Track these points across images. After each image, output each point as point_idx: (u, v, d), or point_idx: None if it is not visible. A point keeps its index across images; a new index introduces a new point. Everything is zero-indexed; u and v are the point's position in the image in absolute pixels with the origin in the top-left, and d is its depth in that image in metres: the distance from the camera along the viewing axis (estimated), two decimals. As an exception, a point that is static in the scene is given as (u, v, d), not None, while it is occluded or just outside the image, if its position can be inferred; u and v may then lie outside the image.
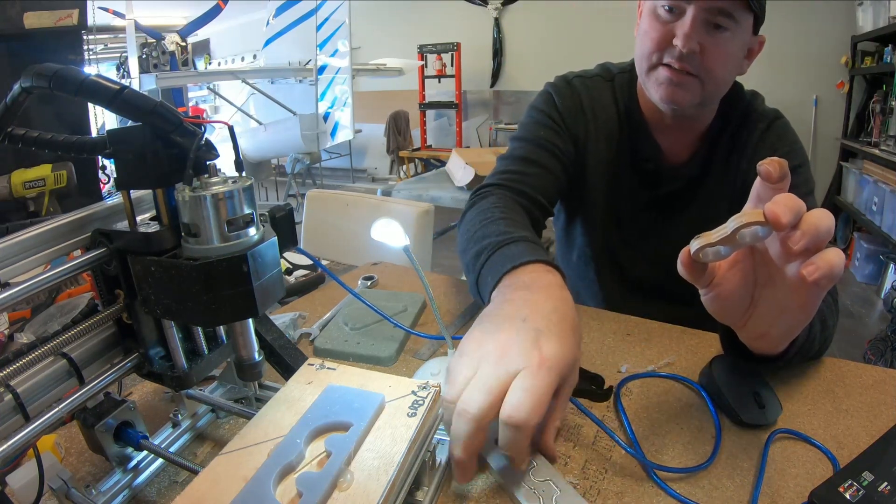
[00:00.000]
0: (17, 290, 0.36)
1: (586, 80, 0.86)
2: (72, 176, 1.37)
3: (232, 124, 0.44)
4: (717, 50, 0.68)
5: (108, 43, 5.51)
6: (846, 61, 3.72)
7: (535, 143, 0.83)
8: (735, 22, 0.67)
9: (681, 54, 0.68)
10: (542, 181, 0.81)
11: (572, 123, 0.85)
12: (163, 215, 0.41)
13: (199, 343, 0.48)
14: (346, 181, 6.30)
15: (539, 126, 0.85)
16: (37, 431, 0.37)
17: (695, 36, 0.67)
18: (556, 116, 0.85)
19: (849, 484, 0.43)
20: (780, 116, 0.81)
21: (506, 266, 0.56)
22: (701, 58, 0.68)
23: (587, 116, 0.85)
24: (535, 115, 0.87)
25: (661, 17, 0.70)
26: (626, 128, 0.84)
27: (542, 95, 0.88)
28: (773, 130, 0.79)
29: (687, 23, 0.67)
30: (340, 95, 5.05)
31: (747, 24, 0.69)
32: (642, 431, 0.52)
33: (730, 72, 0.73)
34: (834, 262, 0.37)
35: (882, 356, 2.12)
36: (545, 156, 0.82)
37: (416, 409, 0.42)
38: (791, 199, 0.37)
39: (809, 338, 0.55)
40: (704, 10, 0.66)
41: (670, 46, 0.69)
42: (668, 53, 0.70)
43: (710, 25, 0.68)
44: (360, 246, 1.43)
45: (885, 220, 2.83)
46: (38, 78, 0.36)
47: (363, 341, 0.69)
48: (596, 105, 0.85)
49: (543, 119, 0.85)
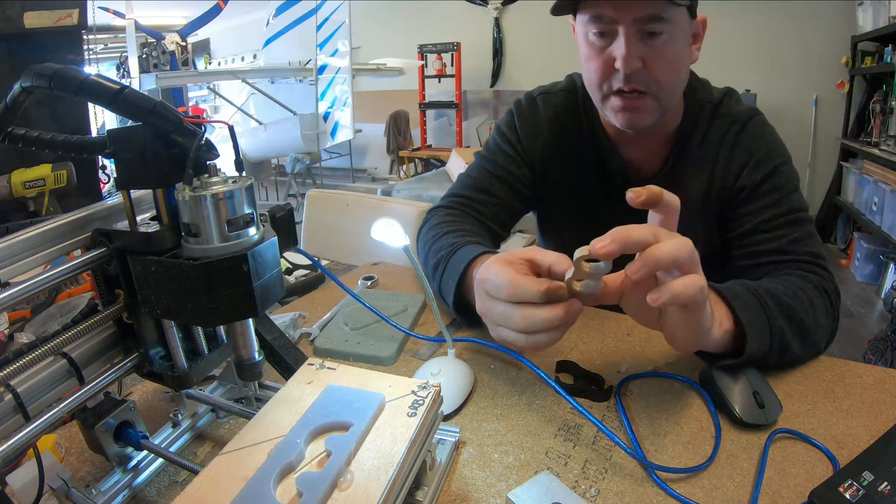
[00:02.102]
0: (17, 290, 0.36)
1: (551, 95, 0.86)
2: (72, 176, 1.37)
3: (232, 124, 0.44)
4: (659, 57, 0.67)
5: (108, 43, 5.51)
6: (846, 61, 3.72)
7: (490, 169, 0.86)
8: (668, 22, 0.65)
9: (626, 76, 0.67)
10: (490, 208, 0.84)
11: (530, 146, 0.86)
12: (163, 215, 0.41)
13: (199, 343, 0.48)
14: (346, 181, 6.30)
15: (498, 150, 0.87)
16: (37, 431, 0.37)
17: (633, 52, 0.65)
18: (515, 140, 0.86)
19: (849, 484, 0.43)
20: (756, 114, 0.78)
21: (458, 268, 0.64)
22: (647, 71, 0.67)
23: (549, 136, 0.85)
24: (498, 136, 0.89)
25: (597, 44, 0.69)
26: (591, 143, 0.83)
27: (506, 116, 0.89)
28: (748, 131, 0.76)
29: (622, 43, 0.65)
30: (340, 95, 5.05)
31: (681, 16, 0.67)
32: (642, 431, 0.52)
33: (680, 71, 0.71)
34: (675, 290, 0.42)
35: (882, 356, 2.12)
36: (497, 184, 0.85)
37: (416, 409, 0.42)
38: (620, 233, 0.41)
39: (772, 347, 0.56)
40: (633, 24, 0.65)
41: (614, 71, 0.68)
42: (615, 79, 0.69)
43: (645, 35, 0.66)
44: (360, 246, 1.43)
45: (885, 220, 2.82)
46: (38, 78, 0.36)
47: (363, 341, 0.69)
48: (559, 123, 0.85)
49: (503, 143, 0.87)
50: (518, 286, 0.46)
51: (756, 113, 0.78)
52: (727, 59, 4.12)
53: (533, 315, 0.46)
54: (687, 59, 0.72)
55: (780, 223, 0.72)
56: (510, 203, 0.86)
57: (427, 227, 0.80)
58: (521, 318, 0.46)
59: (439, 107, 5.59)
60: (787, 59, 3.94)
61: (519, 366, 0.63)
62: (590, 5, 0.67)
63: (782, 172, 0.74)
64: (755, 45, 4.05)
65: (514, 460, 0.49)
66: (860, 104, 3.63)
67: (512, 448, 0.50)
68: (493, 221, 0.84)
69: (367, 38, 5.88)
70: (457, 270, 0.66)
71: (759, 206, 0.73)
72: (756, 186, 0.74)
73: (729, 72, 4.05)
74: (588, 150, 0.84)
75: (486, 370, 0.63)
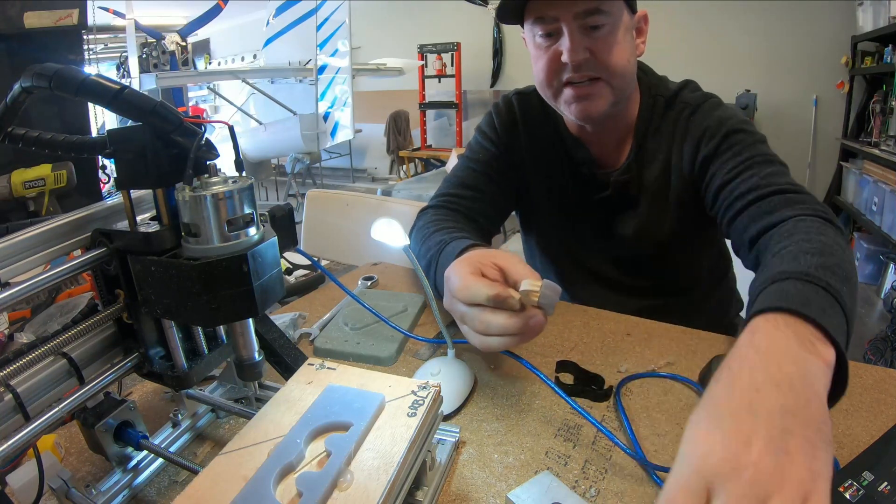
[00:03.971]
0: (17, 290, 0.36)
1: (525, 96, 0.90)
2: (72, 176, 1.37)
3: (232, 124, 0.44)
4: (605, 45, 0.71)
5: (108, 43, 5.50)
6: (846, 61, 3.71)
7: (475, 166, 0.89)
8: (608, 14, 0.69)
9: (575, 66, 0.71)
10: (478, 204, 0.87)
11: (509, 141, 0.89)
12: (163, 215, 0.41)
13: (199, 343, 0.48)
14: (346, 181, 6.29)
15: (480, 148, 0.91)
16: (37, 431, 0.37)
17: (579, 44, 0.70)
18: (495, 137, 0.90)
19: (849, 484, 0.42)
20: (710, 98, 0.79)
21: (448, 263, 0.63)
22: (595, 59, 0.71)
23: (524, 132, 0.89)
24: (479, 136, 0.93)
25: (544, 45, 0.73)
26: (559, 140, 0.87)
27: (486, 117, 0.93)
28: (700, 112, 0.77)
29: (566, 38, 0.70)
30: (340, 95, 5.04)
31: (620, 11, 0.71)
32: (642, 431, 0.52)
33: (627, 59, 0.74)
34: None
35: (882, 356, 2.12)
36: (482, 180, 0.88)
37: (416, 409, 0.42)
38: None
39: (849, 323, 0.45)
40: (575, 20, 0.69)
41: (563, 65, 0.72)
42: (564, 71, 0.73)
43: (587, 29, 0.70)
44: (360, 246, 1.43)
45: (885, 220, 2.82)
46: (38, 78, 0.36)
47: (363, 341, 0.69)
48: (532, 120, 0.89)
49: (485, 141, 0.91)
50: (468, 288, 0.50)
51: (710, 97, 0.80)
52: (727, 59, 4.13)
53: (489, 320, 0.49)
54: (632, 50, 0.75)
55: (748, 165, 0.70)
56: (496, 198, 0.88)
57: (416, 228, 0.83)
58: (478, 321, 0.49)
59: (439, 107, 5.59)
60: (787, 59, 3.93)
61: (519, 366, 0.63)
62: (532, 8, 0.71)
63: (739, 133, 0.73)
64: (755, 45, 4.05)
65: (514, 460, 0.49)
66: (860, 104, 3.63)
67: (512, 448, 0.50)
68: (481, 217, 0.87)
69: (367, 38, 5.88)
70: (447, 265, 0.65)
71: (722, 162, 0.72)
72: (715, 150, 0.74)
73: (729, 72, 4.06)
74: (557, 147, 0.87)
75: (486, 370, 0.63)
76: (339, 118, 5.08)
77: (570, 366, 0.62)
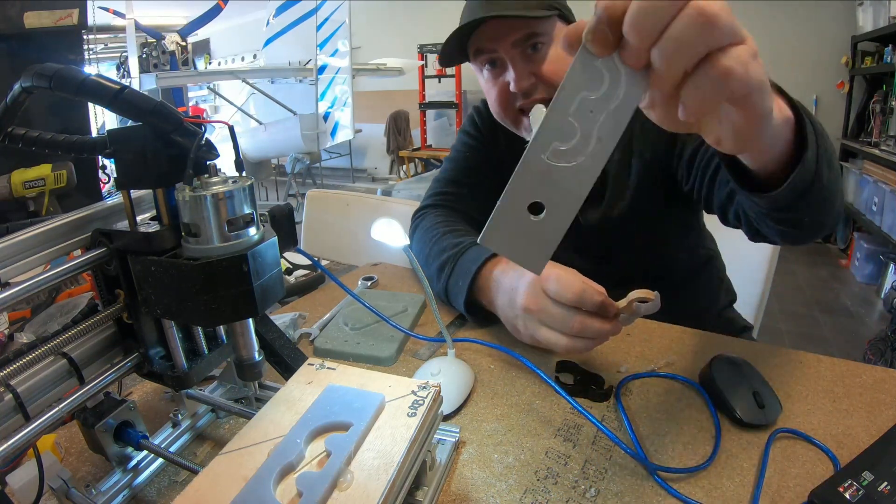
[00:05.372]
0: (17, 290, 0.36)
1: None
2: (72, 176, 1.37)
3: (232, 124, 0.44)
4: (550, 64, 0.72)
5: (108, 43, 5.50)
6: (846, 61, 3.72)
7: (462, 164, 0.93)
8: (544, 34, 0.71)
9: (524, 93, 0.73)
10: (472, 200, 0.90)
11: (491, 140, 0.93)
12: (163, 215, 0.41)
13: (199, 343, 0.48)
14: (346, 181, 6.29)
15: (465, 147, 0.94)
16: (37, 431, 0.37)
17: (523, 71, 0.72)
18: (478, 135, 0.94)
19: (849, 483, 0.43)
20: None
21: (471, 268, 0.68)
22: (541, 82, 0.72)
23: (502, 132, 0.89)
24: (463, 136, 0.96)
25: (492, 78, 0.76)
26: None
27: (468, 118, 0.97)
28: None
29: (510, 69, 0.72)
30: (340, 95, 5.04)
31: (557, 28, 0.72)
32: (642, 431, 0.52)
33: None
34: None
35: (882, 356, 2.12)
36: (472, 174, 0.92)
37: (415, 409, 0.42)
38: None
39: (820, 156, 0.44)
40: (514, 47, 0.71)
41: (513, 95, 0.74)
42: (516, 100, 0.75)
43: (528, 53, 0.72)
44: (360, 246, 1.43)
45: (885, 221, 2.82)
46: (38, 78, 0.36)
47: (363, 341, 0.69)
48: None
49: (468, 140, 0.94)
50: (586, 292, 0.52)
51: None
52: (727, 59, 4.12)
53: (590, 323, 0.52)
54: None
55: None
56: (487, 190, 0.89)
57: (421, 229, 0.83)
58: (579, 322, 0.52)
59: (439, 107, 5.59)
60: (787, 58, 3.93)
61: (519, 366, 0.63)
62: (471, 44, 0.74)
63: None
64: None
65: (514, 460, 0.49)
66: (860, 104, 3.63)
67: (512, 448, 0.50)
68: (476, 212, 0.89)
69: (367, 38, 5.88)
70: (469, 270, 0.69)
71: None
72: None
73: (729, 72, 4.06)
74: None
75: (486, 370, 0.63)
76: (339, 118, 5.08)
77: (571, 366, 0.62)
